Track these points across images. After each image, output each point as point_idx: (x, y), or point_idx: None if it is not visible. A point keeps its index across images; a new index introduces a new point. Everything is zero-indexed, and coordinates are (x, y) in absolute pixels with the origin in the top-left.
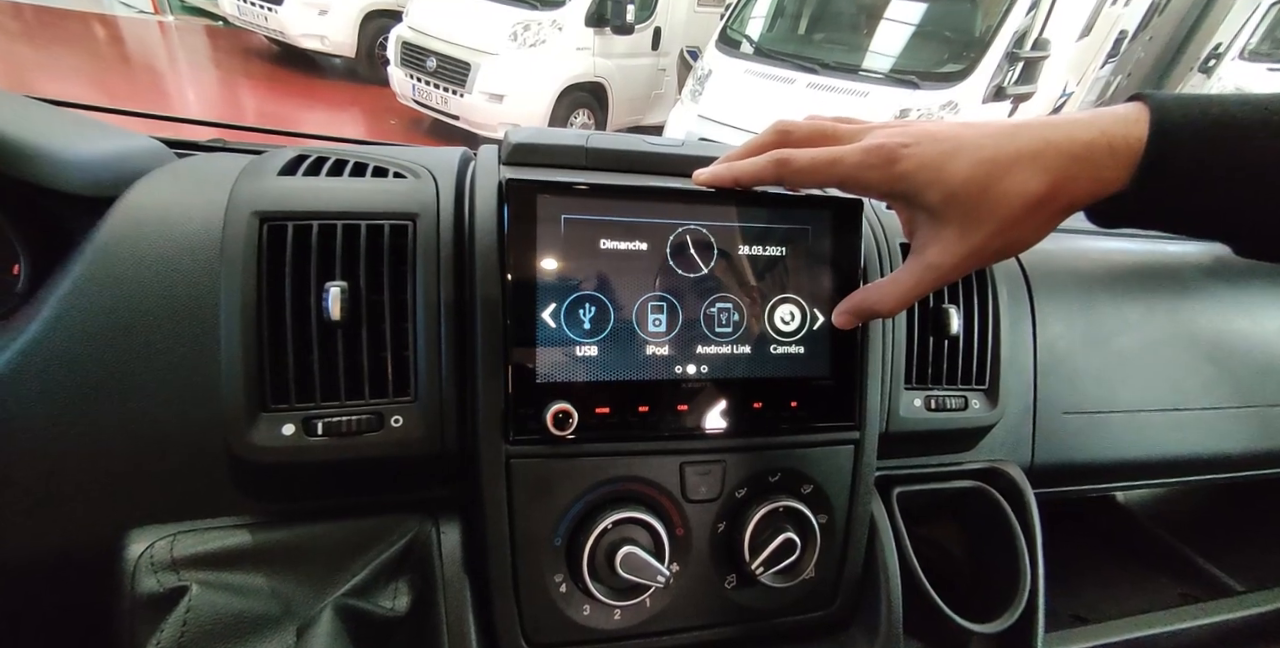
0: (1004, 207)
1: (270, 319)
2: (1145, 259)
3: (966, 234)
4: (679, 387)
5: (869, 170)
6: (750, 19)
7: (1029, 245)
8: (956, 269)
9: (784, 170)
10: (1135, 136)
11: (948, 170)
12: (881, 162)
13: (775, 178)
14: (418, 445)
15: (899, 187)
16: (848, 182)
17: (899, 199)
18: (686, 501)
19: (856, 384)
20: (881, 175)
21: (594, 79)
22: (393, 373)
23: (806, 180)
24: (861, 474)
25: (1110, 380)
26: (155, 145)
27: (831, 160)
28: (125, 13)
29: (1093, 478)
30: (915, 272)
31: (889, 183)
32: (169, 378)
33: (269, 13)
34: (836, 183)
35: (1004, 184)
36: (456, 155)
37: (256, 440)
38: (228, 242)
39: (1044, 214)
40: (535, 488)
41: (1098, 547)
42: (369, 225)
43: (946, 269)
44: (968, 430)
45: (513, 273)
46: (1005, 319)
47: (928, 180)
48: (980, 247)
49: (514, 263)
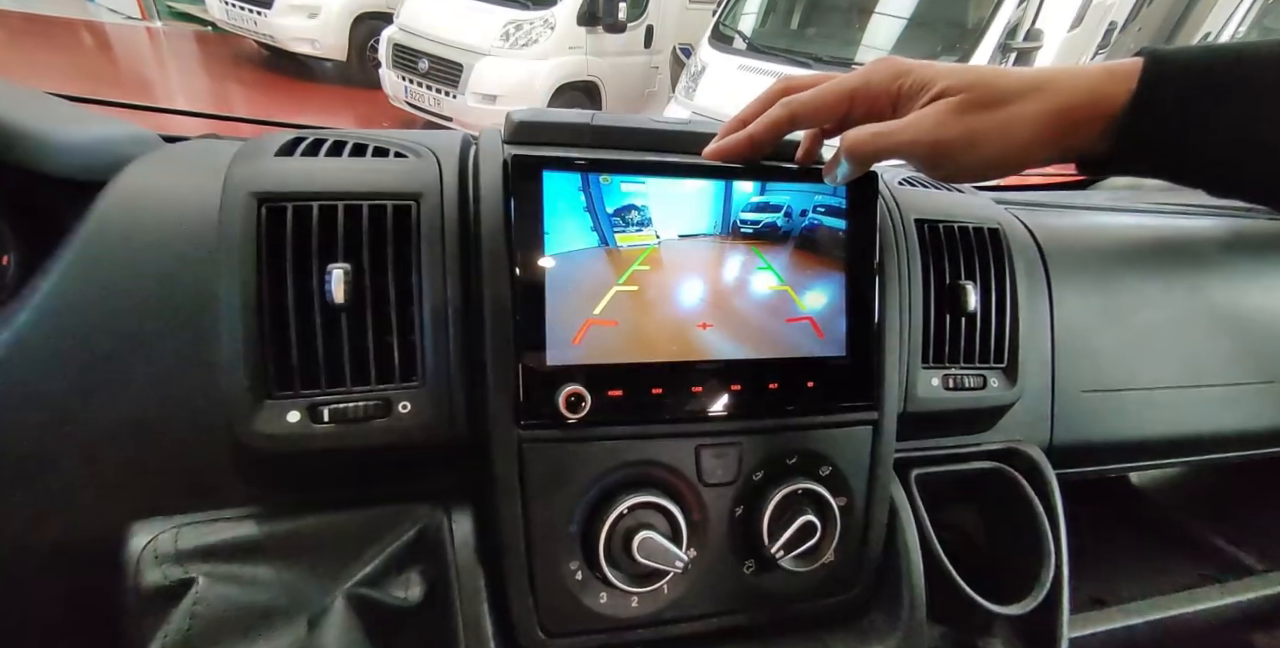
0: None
1: (272, 304)
2: (1162, 233)
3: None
4: (693, 368)
5: (875, 74)
6: (743, 15)
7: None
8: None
9: (794, 106)
10: (1132, 63)
11: (958, 67)
12: (887, 64)
13: (788, 118)
14: (426, 431)
15: (907, 82)
16: (860, 90)
17: (902, 98)
18: (703, 484)
19: (874, 363)
20: (886, 73)
21: (587, 78)
22: (399, 357)
23: (816, 108)
24: (880, 455)
25: (1129, 358)
26: (145, 132)
27: (832, 85)
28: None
29: (1113, 457)
30: (902, 120)
31: (892, 81)
32: (167, 366)
33: (258, 17)
34: (847, 93)
35: (1005, 78)
36: (458, 137)
37: (261, 428)
38: (225, 224)
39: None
40: (549, 473)
41: (1112, 528)
42: (371, 206)
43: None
44: (986, 410)
45: (520, 253)
46: (1022, 296)
47: (935, 73)
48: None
49: (521, 243)
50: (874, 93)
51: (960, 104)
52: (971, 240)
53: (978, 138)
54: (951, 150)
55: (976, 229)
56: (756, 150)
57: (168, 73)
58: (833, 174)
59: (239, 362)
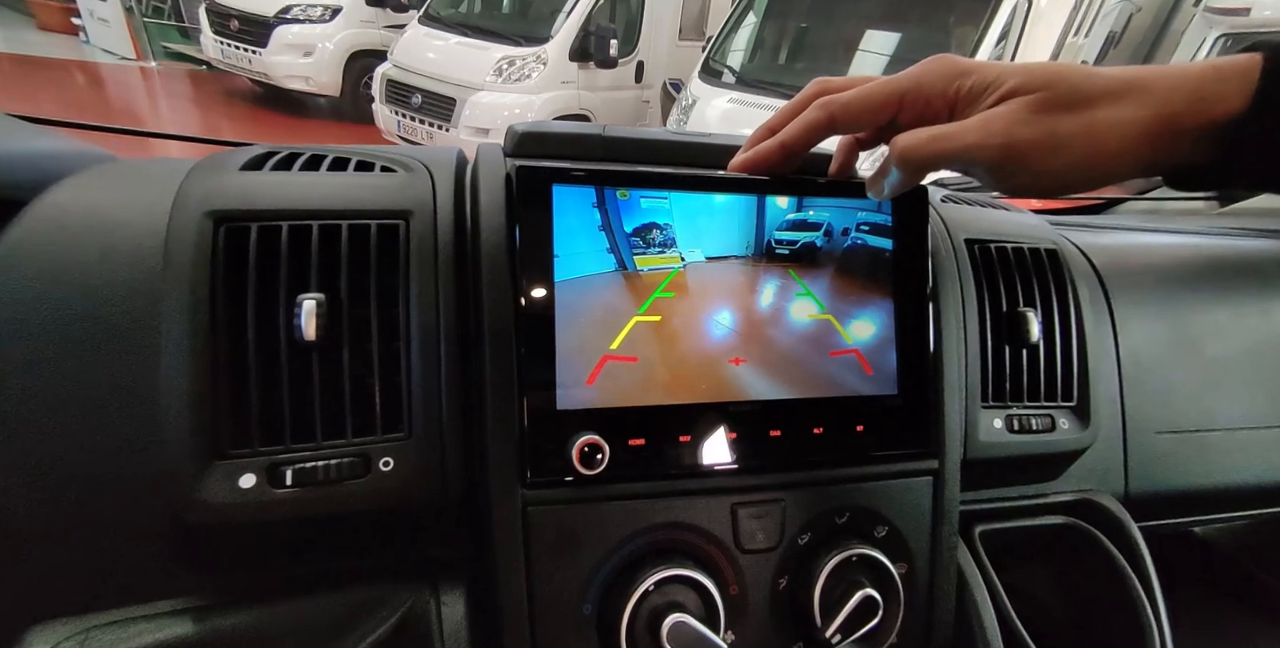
0: (1088, 90)
1: (228, 342)
2: (1225, 254)
3: (1044, 99)
4: (726, 411)
5: (929, 74)
6: (732, 51)
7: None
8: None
9: (833, 108)
10: (1246, 61)
11: (1028, 65)
12: (944, 64)
13: (826, 121)
14: (413, 493)
15: (967, 82)
16: (912, 92)
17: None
18: (741, 551)
19: (931, 402)
20: (943, 73)
21: (579, 111)
22: (381, 404)
23: (859, 110)
24: (944, 511)
25: (1205, 394)
26: (96, 150)
27: (876, 86)
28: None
29: (1196, 508)
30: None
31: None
32: (90, 420)
33: (253, 55)
34: (897, 95)
35: (1089, 77)
36: (453, 151)
37: (206, 497)
38: (172, 247)
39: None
40: (559, 542)
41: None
42: (352, 226)
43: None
44: (1056, 456)
45: (525, 279)
46: (1087, 324)
47: (1001, 71)
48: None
49: (526, 267)
50: (927, 95)
51: (1038, 102)
52: (1028, 262)
53: (1059, 143)
54: (1027, 156)
55: (1033, 250)
56: (790, 159)
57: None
58: (879, 185)
59: (182, 413)
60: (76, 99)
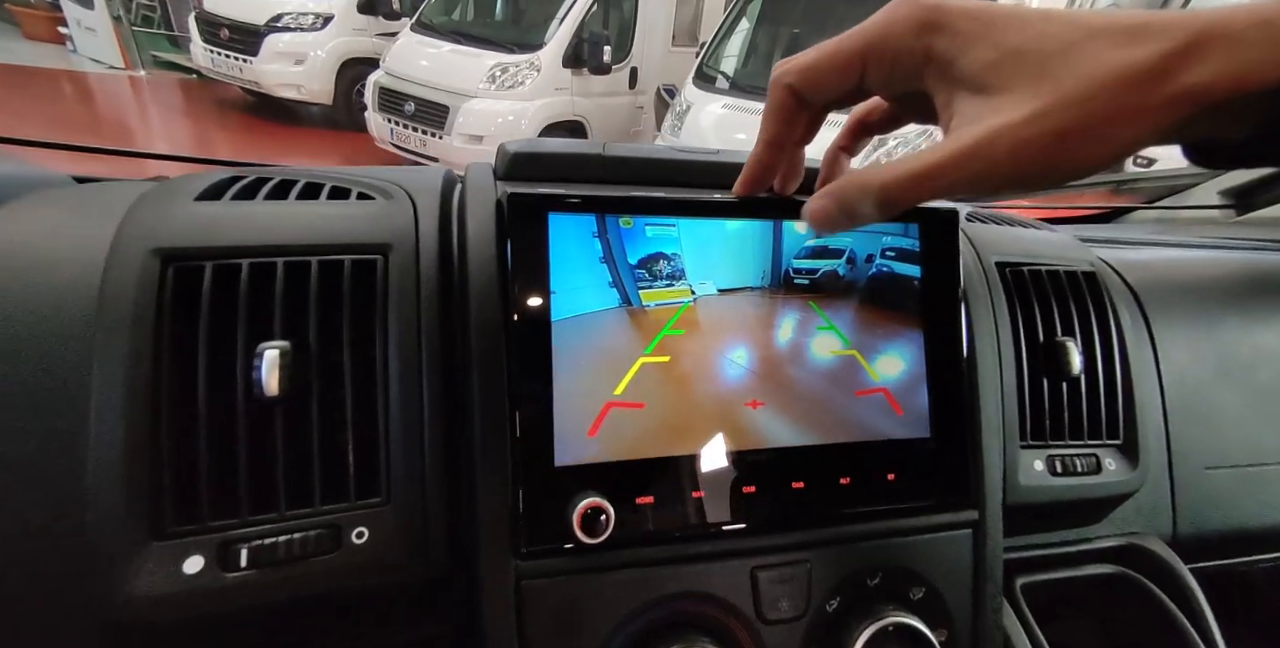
0: (1093, 71)
1: (172, 400)
2: (1265, 270)
3: (1037, 97)
4: (743, 461)
5: (893, 25)
6: (725, 57)
7: (1124, 144)
8: (1013, 150)
9: (788, 77)
10: None
11: (1009, 24)
12: (908, 10)
13: (788, 95)
14: (391, 569)
15: (938, 44)
16: (872, 48)
17: (933, 64)
18: (763, 622)
19: (967, 446)
20: (908, 24)
21: (573, 118)
22: (354, 465)
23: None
24: (986, 568)
25: (1256, 424)
26: (51, 175)
27: (831, 44)
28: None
29: (1246, 548)
30: (947, 147)
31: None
32: (6, 497)
33: (244, 64)
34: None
35: (1093, 46)
36: (439, 174)
37: (139, 588)
38: (110, 290)
39: (1156, 96)
40: (558, 619)
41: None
42: (322, 262)
43: (1000, 148)
44: (1102, 500)
45: (519, 318)
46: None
47: (976, 32)
48: (1055, 113)
49: (519, 305)
50: (894, 53)
51: (1040, 100)
52: (1065, 286)
53: (1071, 146)
54: (1036, 172)
55: (1069, 273)
56: (781, 155)
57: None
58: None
59: (114, 482)
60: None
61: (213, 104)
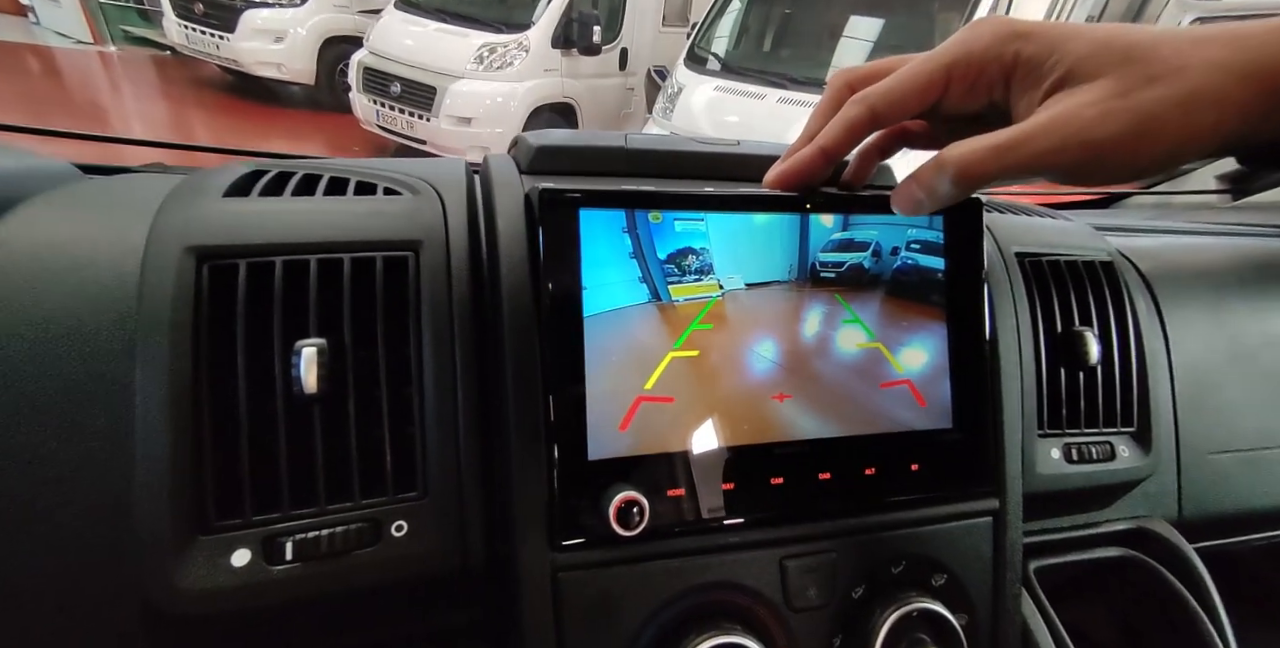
0: (1178, 57)
1: (214, 397)
2: (1270, 256)
3: (1126, 78)
4: (771, 453)
5: (978, 40)
6: (716, 38)
7: (1216, 126)
8: (1098, 124)
9: (872, 100)
10: None
11: (1091, 28)
12: (992, 26)
13: (868, 116)
14: (430, 561)
15: (1027, 49)
16: (959, 64)
17: (1020, 69)
18: (792, 610)
19: (989, 436)
20: (995, 36)
21: (563, 99)
22: (392, 461)
23: (902, 96)
24: (1006, 555)
25: (1261, 410)
26: (57, 166)
27: (917, 66)
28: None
29: (1246, 528)
30: (1031, 122)
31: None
32: (45, 494)
33: (221, 41)
34: (942, 71)
35: (1174, 42)
36: (460, 167)
37: (187, 582)
38: (149, 289)
39: (1236, 81)
40: (594, 609)
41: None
42: (355, 260)
43: (1084, 120)
44: (1115, 486)
45: (552, 314)
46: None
47: (1062, 33)
48: (1144, 89)
49: (551, 301)
50: (980, 63)
51: (1122, 86)
52: (1083, 277)
53: (1152, 127)
54: (1113, 154)
55: (1087, 263)
56: (831, 165)
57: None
58: (916, 200)
59: (160, 483)
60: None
61: (189, 82)
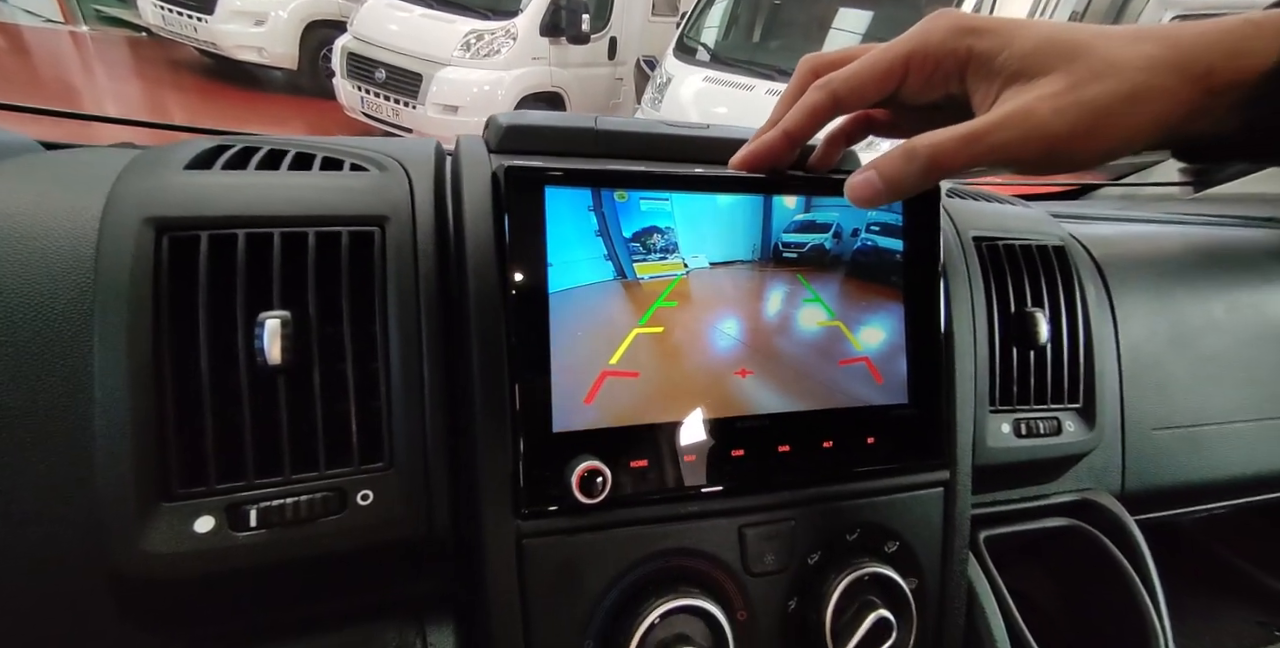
0: (1120, 57)
1: (175, 368)
2: (1220, 245)
3: (1073, 74)
4: (733, 426)
5: (933, 33)
6: (705, 28)
7: (1156, 118)
8: (1052, 117)
9: (834, 86)
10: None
11: (1037, 24)
12: (947, 21)
13: (829, 102)
14: (396, 529)
15: (979, 44)
16: (915, 55)
17: (974, 62)
18: (750, 575)
19: (942, 411)
20: (949, 30)
21: (551, 89)
22: (358, 432)
23: (862, 83)
24: (955, 523)
25: (1200, 388)
26: (17, 139)
27: (877, 55)
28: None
29: (1185, 500)
30: (994, 113)
31: (958, 39)
32: (13, 464)
33: (199, 23)
34: (900, 61)
35: (1112, 42)
36: (430, 145)
37: (153, 546)
38: (105, 261)
39: (1175, 79)
40: (557, 575)
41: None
42: (320, 234)
43: (1039, 114)
44: (1061, 459)
45: (517, 290)
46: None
47: (1010, 30)
48: (1091, 85)
49: (516, 278)
50: (936, 55)
51: (1072, 82)
52: (1036, 260)
53: (1101, 120)
54: (1068, 143)
55: (1040, 247)
56: (795, 149)
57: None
58: (876, 189)
59: (121, 446)
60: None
61: (166, 65)
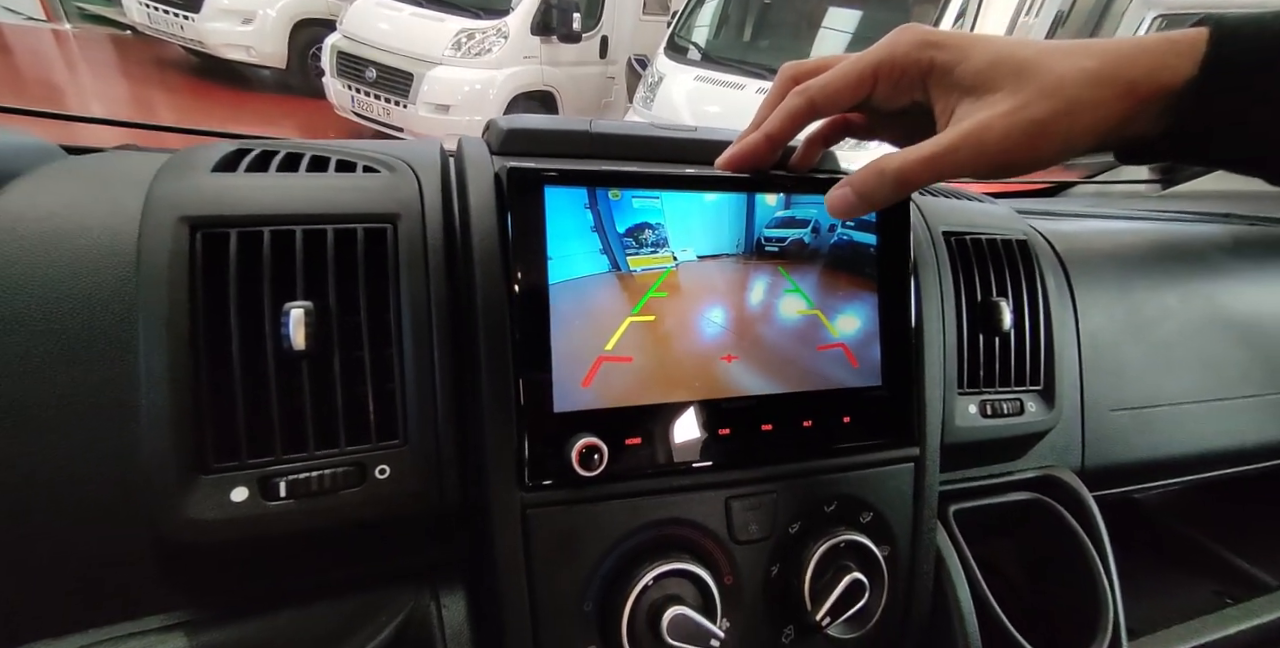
0: (1059, 72)
1: (210, 352)
2: (1174, 240)
3: (1018, 92)
4: (719, 407)
5: (899, 45)
6: (696, 27)
7: (1091, 128)
8: (1004, 135)
9: (811, 92)
10: (1195, 33)
11: (991, 40)
12: (911, 35)
13: (806, 106)
14: (410, 500)
15: (939, 56)
16: (884, 65)
17: (935, 74)
18: (735, 542)
19: (912, 393)
20: (913, 43)
21: (543, 88)
22: (375, 412)
23: (836, 90)
24: (924, 496)
25: (1154, 372)
26: (40, 143)
27: (849, 64)
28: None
29: (1141, 477)
30: (950, 135)
31: (921, 51)
32: (64, 437)
33: (185, 21)
34: (870, 69)
35: (1054, 57)
36: (435, 148)
37: (194, 513)
38: (147, 256)
39: (1105, 91)
40: (559, 542)
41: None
42: (337, 230)
43: (992, 132)
44: (1024, 437)
45: (520, 282)
46: (1053, 311)
47: (967, 45)
48: (1034, 104)
49: (519, 270)
50: (901, 66)
51: (1017, 97)
52: (1001, 253)
53: (1044, 135)
54: (1017, 156)
55: (1005, 241)
56: (776, 150)
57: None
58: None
59: (163, 428)
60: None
61: (153, 64)
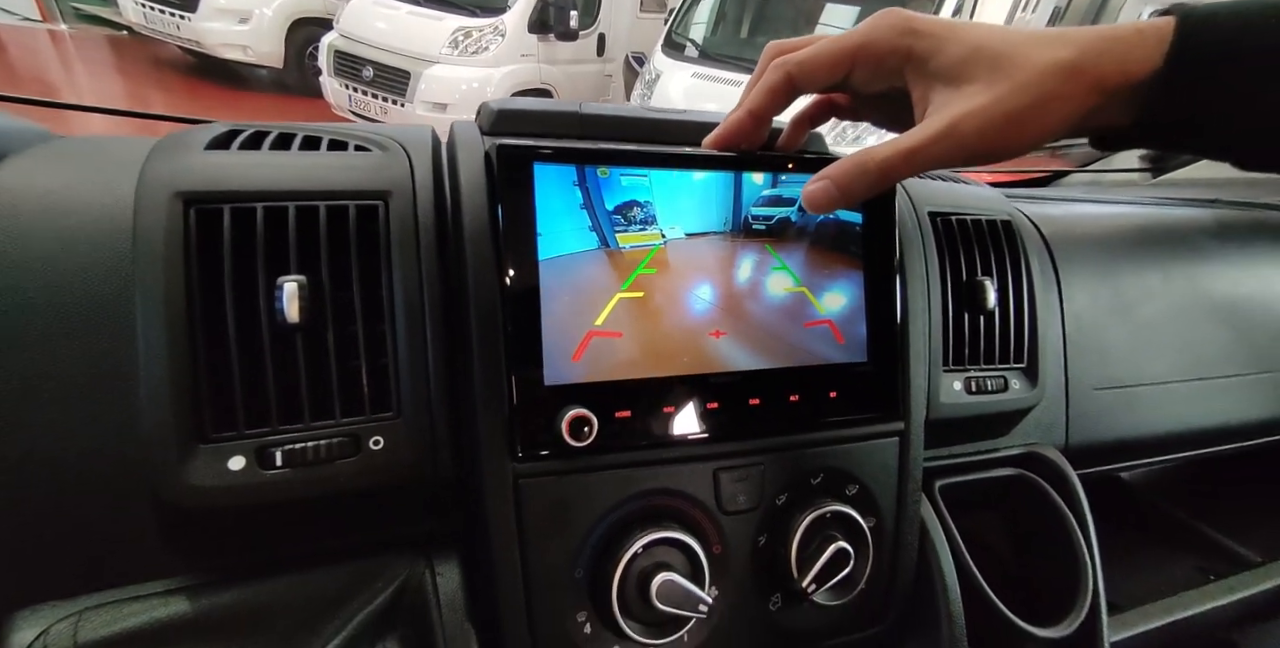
0: (1032, 64)
1: (206, 325)
2: (1158, 223)
3: (993, 85)
4: (707, 382)
5: (878, 30)
6: (694, 24)
7: (1062, 119)
8: (979, 129)
9: (788, 67)
10: (1163, 23)
11: (969, 29)
12: (892, 20)
13: (785, 81)
14: (404, 471)
15: (918, 44)
16: (863, 49)
17: (913, 62)
18: (723, 512)
19: (897, 369)
20: (892, 29)
21: (541, 85)
22: (369, 384)
23: (814, 68)
24: (908, 469)
25: (1137, 352)
26: (30, 126)
27: (829, 42)
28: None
29: (1123, 455)
30: (927, 128)
31: (900, 38)
32: (67, 408)
33: (181, 21)
34: (849, 52)
35: (1030, 48)
36: (426, 130)
37: (194, 480)
38: (141, 231)
39: (1075, 84)
40: (550, 512)
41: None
42: (330, 207)
43: (969, 125)
44: (1008, 414)
45: (509, 258)
46: (1036, 291)
47: (945, 35)
48: (1007, 98)
49: (509, 246)
50: (880, 52)
51: (992, 89)
52: (985, 234)
53: (1017, 126)
54: (992, 147)
55: (990, 222)
56: (761, 127)
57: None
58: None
59: (163, 399)
60: None
61: (149, 64)
